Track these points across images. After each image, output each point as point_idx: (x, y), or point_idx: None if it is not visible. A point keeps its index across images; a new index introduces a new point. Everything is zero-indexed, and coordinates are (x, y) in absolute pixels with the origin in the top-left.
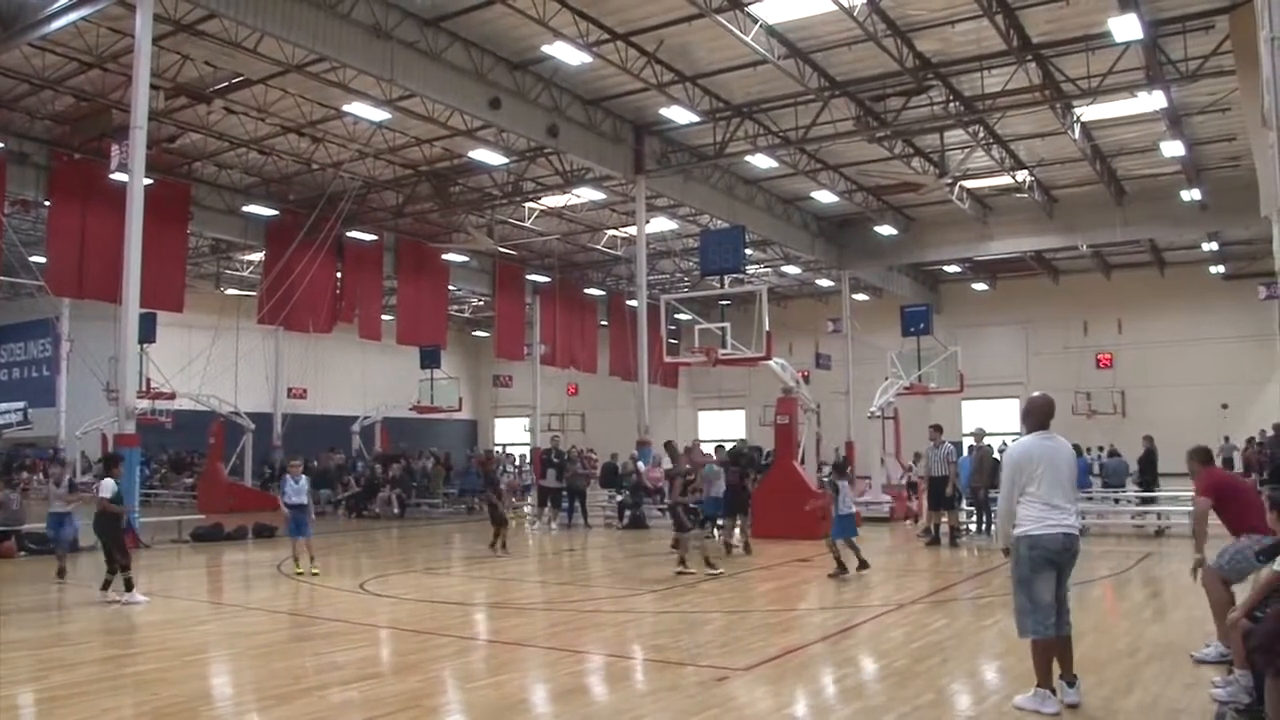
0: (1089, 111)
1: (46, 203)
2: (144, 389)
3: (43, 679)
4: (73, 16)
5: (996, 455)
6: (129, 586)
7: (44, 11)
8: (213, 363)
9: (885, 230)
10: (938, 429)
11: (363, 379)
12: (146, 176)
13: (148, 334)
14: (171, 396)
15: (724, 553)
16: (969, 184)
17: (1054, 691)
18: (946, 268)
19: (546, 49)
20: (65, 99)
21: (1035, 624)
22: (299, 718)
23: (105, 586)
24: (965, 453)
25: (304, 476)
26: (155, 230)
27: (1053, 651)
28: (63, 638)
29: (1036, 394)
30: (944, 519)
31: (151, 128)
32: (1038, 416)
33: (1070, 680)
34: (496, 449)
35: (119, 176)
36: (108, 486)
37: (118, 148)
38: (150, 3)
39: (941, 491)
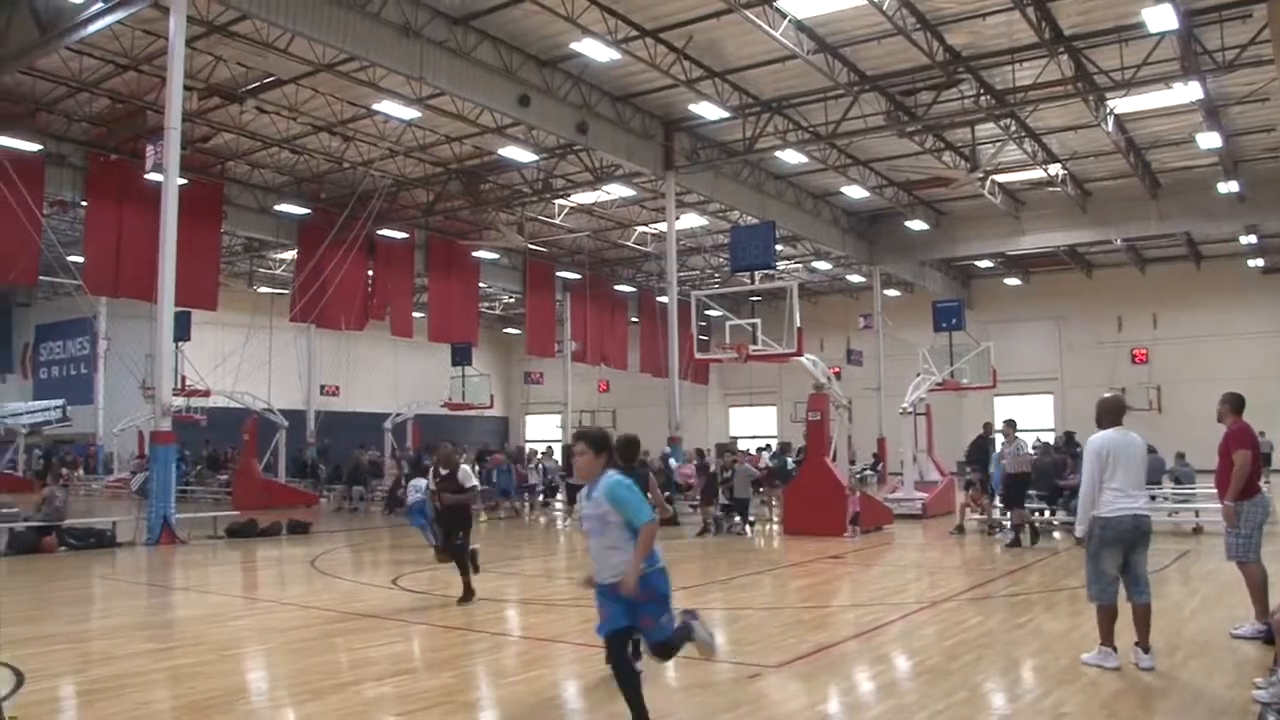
0: (1123, 103)
1: (84, 203)
2: (179, 386)
3: (83, 672)
4: (108, 20)
5: (1030, 451)
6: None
7: (81, 15)
8: (246, 360)
9: (916, 225)
10: (1011, 424)
11: (395, 376)
12: (181, 176)
13: (183, 332)
14: (206, 394)
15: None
16: (1001, 178)
17: (1115, 649)
18: (978, 262)
19: (575, 46)
20: (101, 101)
21: (1099, 592)
22: (333, 712)
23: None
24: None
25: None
26: (189, 229)
27: (1114, 616)
28: (102, 631)
29: (1108, 394)
30: (1025, 519)
31: (185, 128)
32: (1113, 414)
33: (1146, 648)
34: (531, 445)
35: (154, 177)
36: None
37: (152, 148)
38: (184, 5)
39: (1021, 490)
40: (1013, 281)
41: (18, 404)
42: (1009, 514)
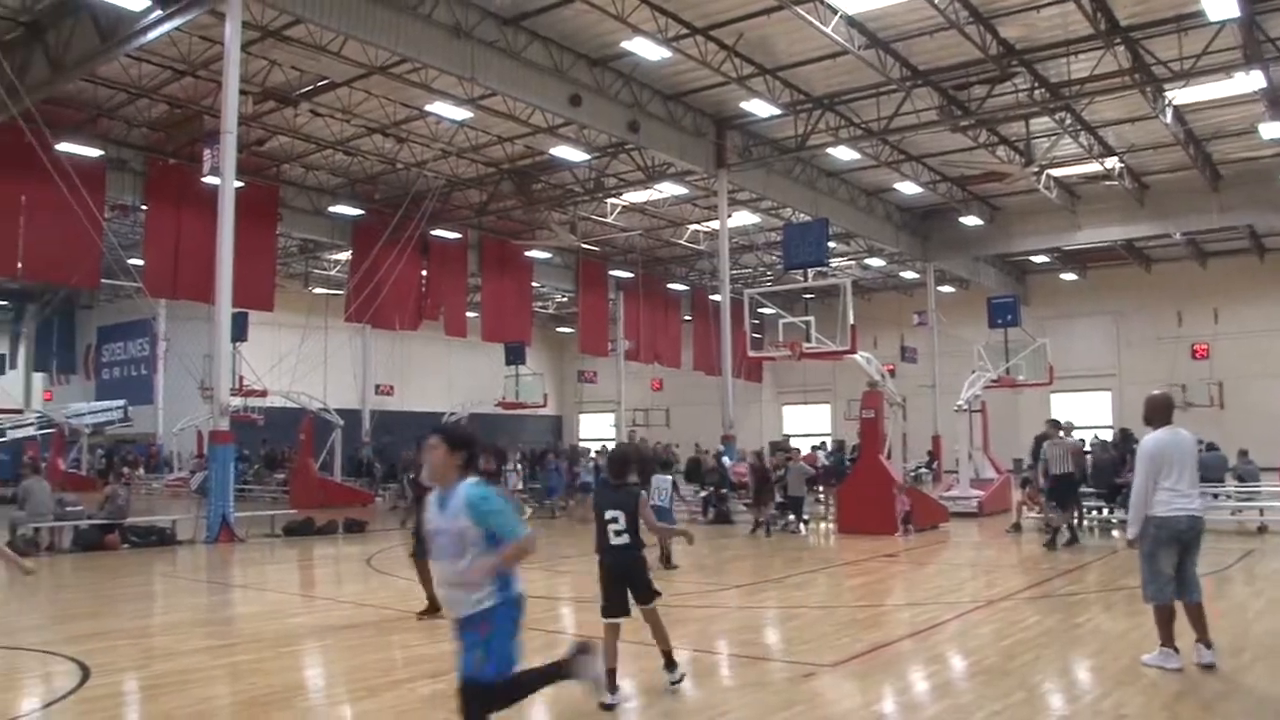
0: (1182, 94)
1: (143, 207)
2: (237, 387)
3: (145, 667)
4: (167, 27)
5: (1087, 449)
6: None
7: (140, 23)
8: (302, 360)
9: (970, 221)
10: (1055, 424)
11: (448, 375)
12: (237, 179)
13: (240, 333)
14: (263, 394)
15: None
16: (1056, 172)
17: (1176, 650)
18: (1034, 258)
19: (626, 45)
20: (160, 107)
21: (1155, 592)
22: (388, 710)
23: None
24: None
25: (669, 477)
26: (246, 232)
27: (1172, 616)
28: (163, 628)
29: (1157, 392)
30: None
31: (241, 132)
32: (1163, 413)
33: (1207, 643)
34: (585, 444)
35: (211, 180)
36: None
37: (209, 152)
38: (239, 10)
39: (1069, 490)
40: (1069, 277)
41: (81, 404)
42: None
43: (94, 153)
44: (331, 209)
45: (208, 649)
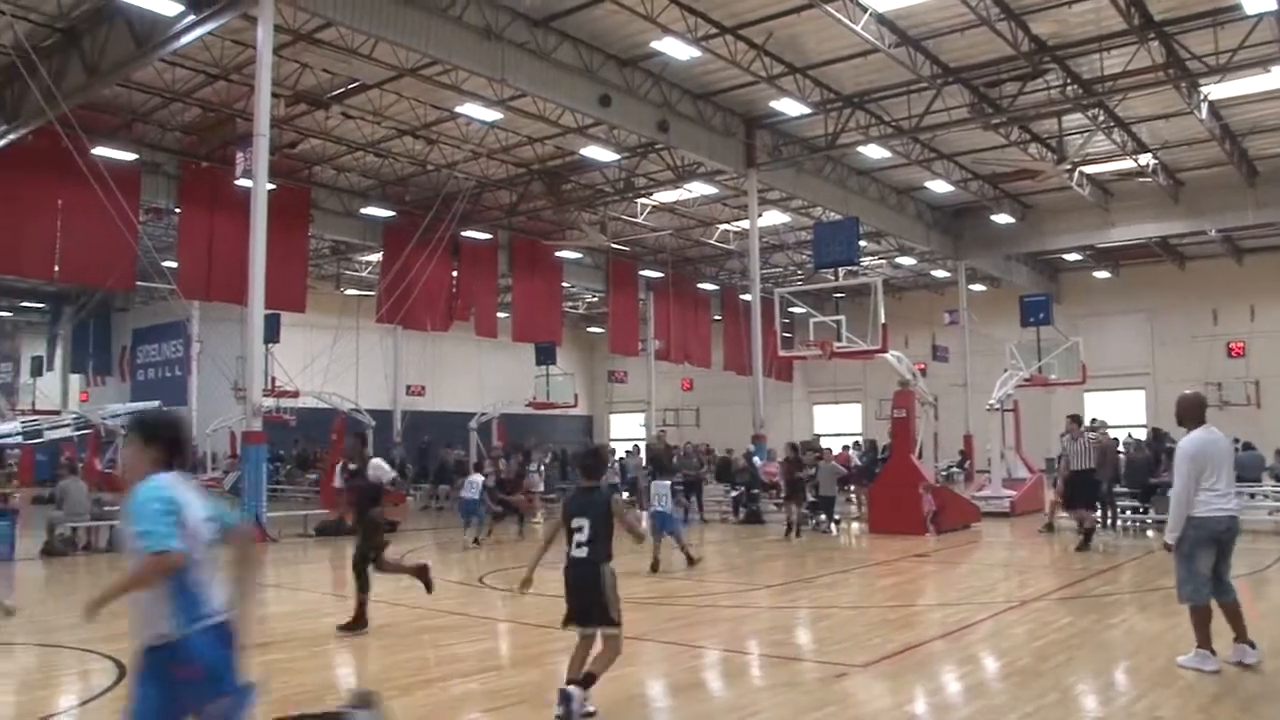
0: (1217, 89)
1: (177, 210)
2: (269, 388)
3: None
4: (200, 31)
5: (1120, 448)
6: None
7: (174, 28)
8: (334, 361)
9: (1002, 219)
10: (1075, 419)
11: (479, 376)
12: (269, 182)
13: (272, 334)
14: (295, 395)
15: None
16: (1089, 169)
17: (1213, 652)
18: (1066, 256)
19: (655, 45)
20: (193, 110)
21: (1192, 592)
22: (421, 708)
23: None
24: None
25: (666, 482)
26: (278, 233)
27: (1209, 617)
28: None
29: (1189, 392)
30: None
31: (273, 135)
32: (1196, 413)
33: (1249, 643)
34: (616, 444)
35: (243, 183)
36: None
37: (242, 155)
38: (270, 14)
39: (1086, 488)
40: (1102, 275)
41: (117, 405)
42: (1093, 512)
43: (129, 157)
44: (363, 211)
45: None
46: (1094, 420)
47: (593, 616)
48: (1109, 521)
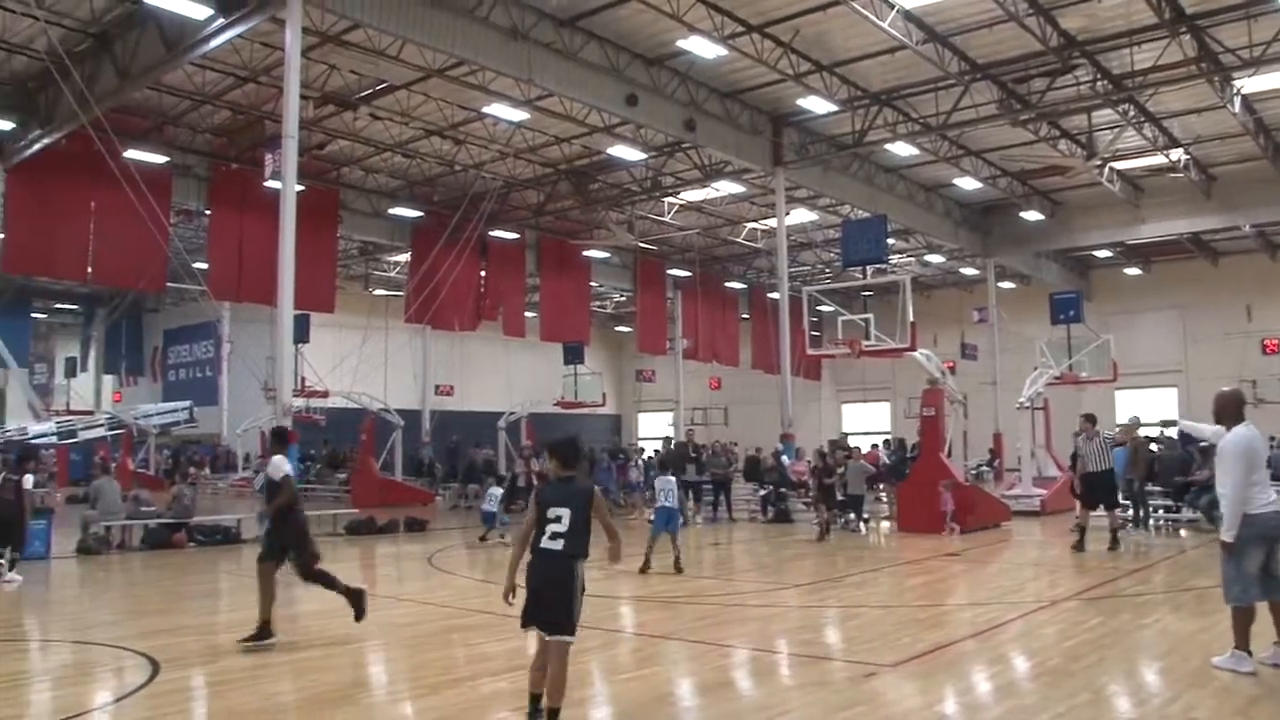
0: (1251, 83)
1: (207, 212)
2: (299, 388)
3: (213, 662)
4: (229, 35)
5: (1153, 447)
6: None
7: (203, 32)
8: (363, 361)
9: (1031, 216)
10: (1090, 419)
11: (507, 375)
12: (298, 183)
13: (302, 334)
14: (325, 395)
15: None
16: (1119, 165)
17: (1250, 654)
18: (1097, 252)
19: (681, 44)
20: (223, 113)
21: (1240, 593)
22: (450, 707)
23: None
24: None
25: (671, 478)
26: (307, 234)
27: (1251, 618)
28: (229, 624)
29: (1228, 389)
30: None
31: (302, 136)
32: (1235, 409)
33: None
34: (643, 443)
35: (272, 184)
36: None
37: (271, 157)
38: (299, 16)
39: (1103, 488)
40: (1133, 271)
41: (149, 405)
42: (1132, 510)
43: (160, 159)
44: (391, 211)
45: (273, 646)
46: (1134, 418)
47: (555, 620)
48: (1142, 520)
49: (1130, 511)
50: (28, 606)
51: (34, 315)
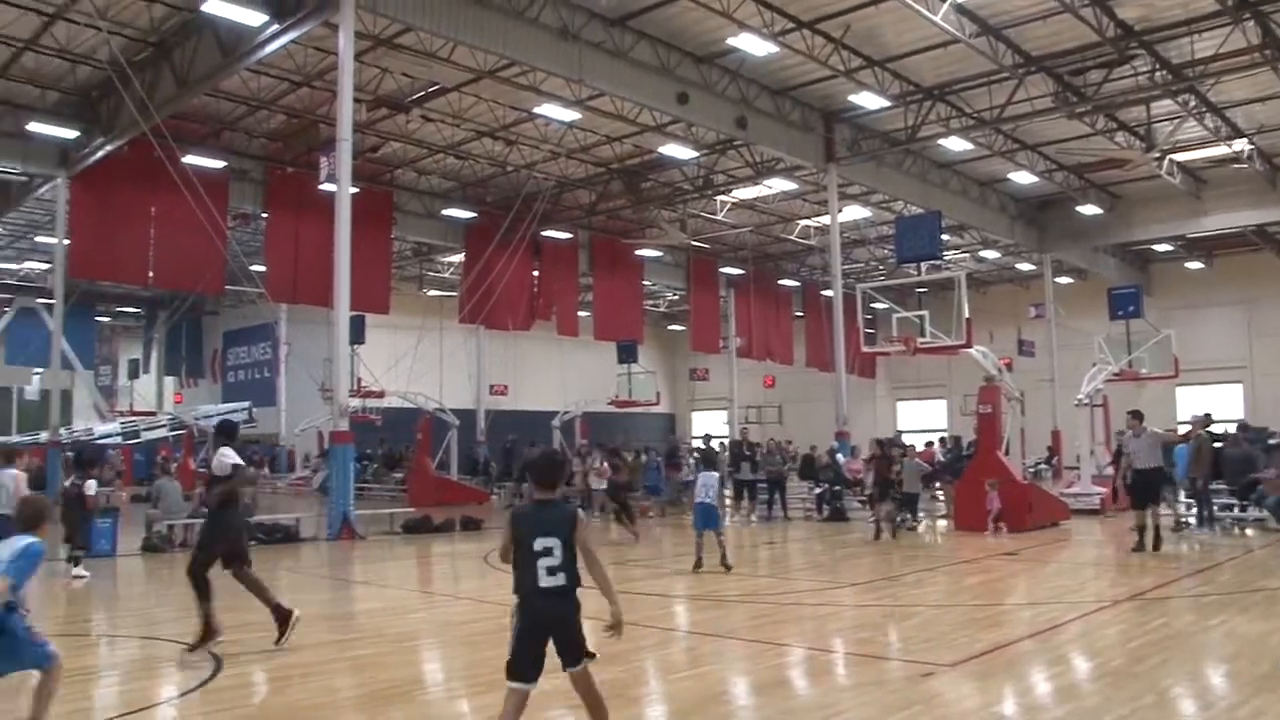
0: None
1: (264, 215)
2: (355, 388)
3: (273, 659)
4: (283, 40)
5: (1217, 443)
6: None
7: (259, 38)
8: (418, 362)
9: (1089, 210)
10: (1137, 415)
11: (561, 375)
12: (352, 185)
13: (357, 336)
14: (381, 395)
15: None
16: (1180, 156)
17: None
18: (1156, 246)
19: (732, 41)
20: (278, 117)
21: None
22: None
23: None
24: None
25: (714, 474)
26: (362, 236)
27: None
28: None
29: None
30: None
31: (355, 139)
32: None
33: None
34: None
35: (327, 187)
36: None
37: (325, 160)
38: (351, 21)
39: (1152, 486)
40: (1195, 265)
41: (209, 406)
42: (1198, 509)
43: (217, 164)
44: (444, 212)
45: (331, 643)
46: (1204, 415)
47: (571, 655)
48: (1206, 519)
49: (1194, 510)
50: (96, 603)
51: (98, 319)
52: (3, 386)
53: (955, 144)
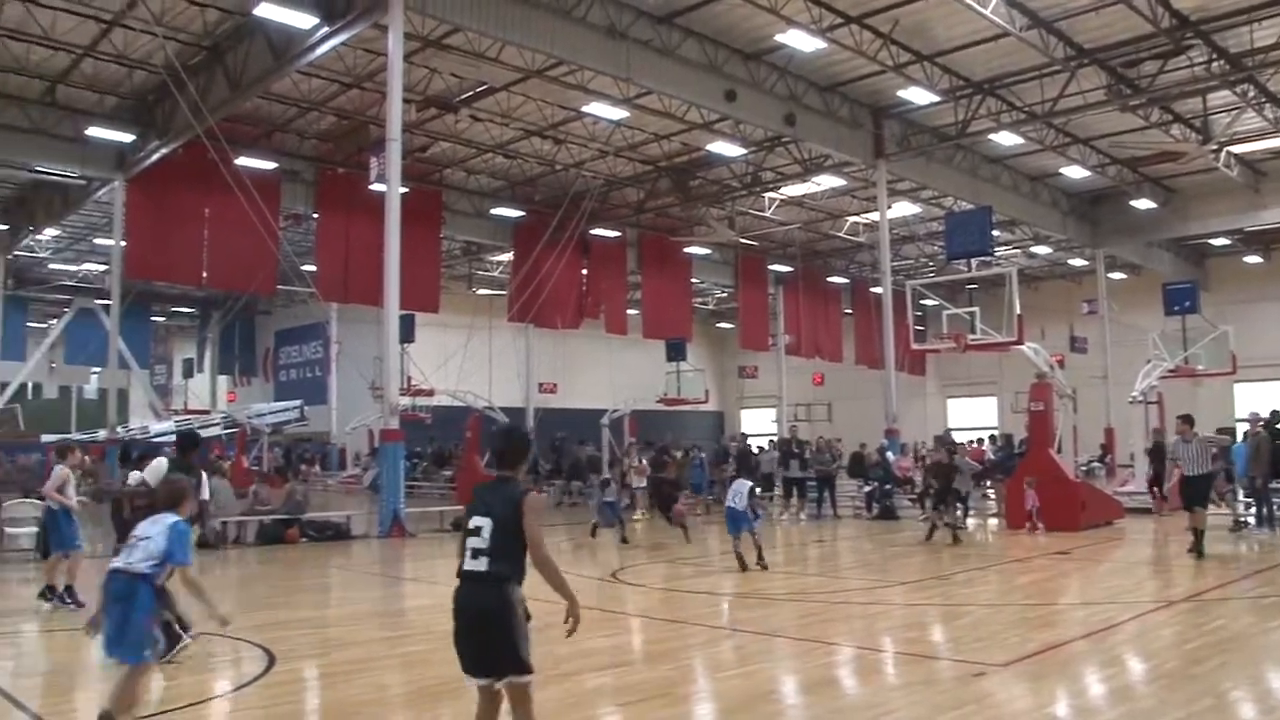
0: None
1: (315, 215)
2: (405, 386)
3: (325, 655)
4: (334, 42)
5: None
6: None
7: (309, 40)
8: (468, 360)
9: (1143, 204)
10: (1187, 420)
11: (610, 373)
12: (402, 185)
13: (407, 334)
14: (430, 393)
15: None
16: (1237, 148)
17: None
18: (1213, 240)
19: (780, 38)
20: (328, 119)
21: None
22: (555, 702)
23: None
24: (1240, 438)
25: (746, 483)
26: (411, 236)
27: None
28: (340, 619)
29: None
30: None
31: (405, 139)
32: None
33: None
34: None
35: (377, 187)
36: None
37: (375, 160)
38: (400, 22)
39: (1198, 492)
40: (1253, 259)
41: (261, 405)
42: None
43: (269, 166)
44: (493, 211)
45: (382, 639)
46: (1273, 413)
47: (497, 661)
48: (1265, 519)
49: (1253, 509)
50: None
51: (154, 319)
52: (63, 385)
53: (1006, 139)
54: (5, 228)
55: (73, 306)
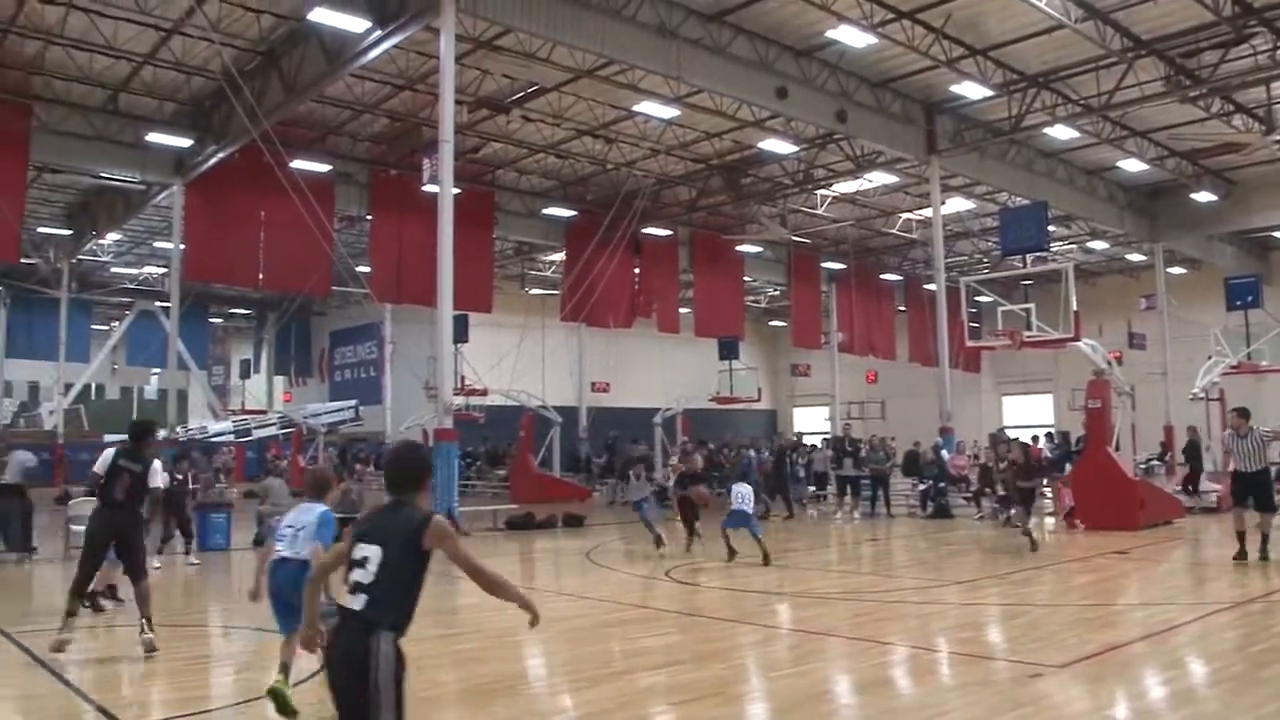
0: None
1: (369, 217)
2: (459, 386)
3: None
4: (386, 45)
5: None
6: None
7: (362, 44)
8: (521, 359)
9: (1203, 197)
10: (1242, 414)
11: (662, 372)
12: (454, 186)
13: (461, 334)
14: (484, 393)
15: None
16: None
17: None
18: (1276, 233)
19: (831, 34)
20: (381, 121)
21: None
22: (608, 700)
23: None
24: None
25: (747, 487)
26: (464, 236)
27: None
28: None
29: None
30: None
31: (457, 141)
32: None
33: None
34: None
35: (430, 188)
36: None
37: (428, 161)
38: (452, 24)
39: (1258, 489)
40: None
41: (317, 405)
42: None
43: (323, 168)
44: (545, 211)
45: (435, 637)
46: None
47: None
48: None
49: None
50: (210, 594)
51: (212, 320)
52: (124, 386)
53: (1061, 132)
54: (69, 233)
55: (134, 309)
